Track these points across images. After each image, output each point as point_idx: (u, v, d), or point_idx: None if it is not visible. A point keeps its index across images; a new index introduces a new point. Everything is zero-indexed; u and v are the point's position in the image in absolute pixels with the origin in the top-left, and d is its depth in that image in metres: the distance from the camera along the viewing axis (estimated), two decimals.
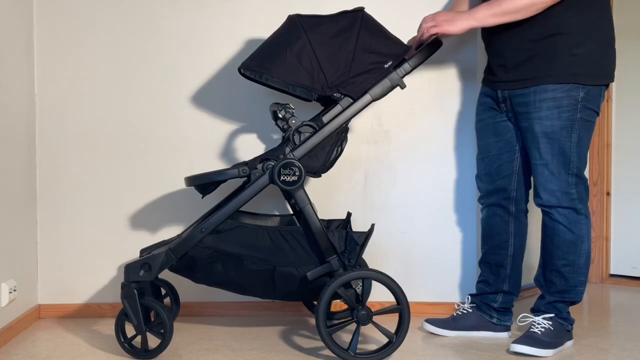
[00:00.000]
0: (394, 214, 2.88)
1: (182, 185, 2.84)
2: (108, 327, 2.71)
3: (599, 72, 2.34)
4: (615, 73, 2.42)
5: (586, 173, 2.44)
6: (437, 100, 2.88)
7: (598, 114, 2.41)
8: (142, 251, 2.42)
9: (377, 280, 2.27)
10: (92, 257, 2.85)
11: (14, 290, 2.56)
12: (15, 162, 2.63)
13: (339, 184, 2.84)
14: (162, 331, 2.29)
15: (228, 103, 2.87)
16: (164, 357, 2.33)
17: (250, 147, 2.86)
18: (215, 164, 2.81)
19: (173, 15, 2.85)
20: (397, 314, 2.27)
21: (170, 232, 2.84)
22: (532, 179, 2.49)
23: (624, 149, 3.68)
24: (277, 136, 2.86)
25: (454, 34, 2.34)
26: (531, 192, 2.52)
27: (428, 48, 2.38)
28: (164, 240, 2.51)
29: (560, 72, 2.30)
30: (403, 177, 2.90)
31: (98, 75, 2.84)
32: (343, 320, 2.37)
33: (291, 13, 2.78)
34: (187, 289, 2.67)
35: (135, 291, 2.24)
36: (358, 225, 2.74)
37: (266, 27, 2.83)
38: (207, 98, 2.87)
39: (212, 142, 2.86)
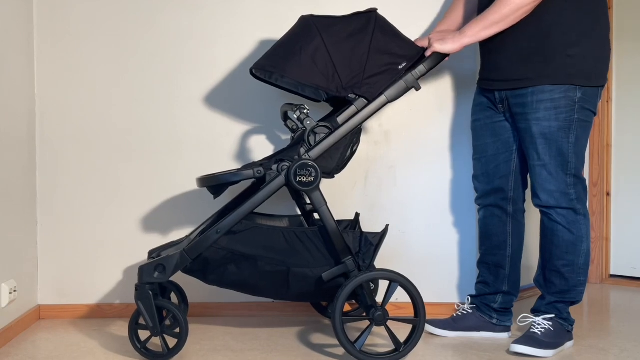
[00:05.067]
0: (393, 214, 2.88)
1: (182, 185, 2.85)
2: (108, 327, 2.71)
3: (594, 73, 2.34)
4: (616, 74, 2.42)
5: (586, 173, 2.44)
6: (437, 100, 2.88)
7: (595, 114, 2.41)
8: (151, 252, 2.42)
9: (396, 282, 2.27)
10: (93, 257, 2.85)
11: (14, 290, 2.56)
12: (15, 162, 2.63)
13: (339, 184, 2.84)
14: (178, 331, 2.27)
15: (228, 102, 2.87)
16: None
17: (252, 146, 2.87)
18: (215, 164, 2.81)
19: (173, 15, 2.85)
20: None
21: (171, 231, 2.84)
22: (529, 178, 2.49)
23: (624, 149, 3.68)
24: (279, 134, 2.86)
25: (447, 52, 2.37)
26: (528, 192, 2.53)
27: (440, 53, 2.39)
28: (173, 242, 2.50)
29: (556, 73, 2.30)
30: (403, 178, 2.90)
31: (98, 75, 2.84)
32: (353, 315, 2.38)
33: (289, 12, 2.79)
34: (188, 289, 2.66)
35: (150, 292, 2.23)
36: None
37: (266, 26, 2.84)
38: (207, 98, 2.87)
39: (213, 141, 2.86)
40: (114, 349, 2.43)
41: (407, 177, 2.90)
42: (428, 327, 2.61)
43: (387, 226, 2.46)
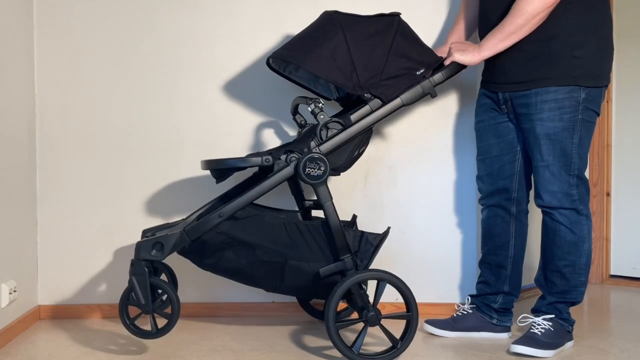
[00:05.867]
0: (393, 215, 2.88)
1: (182, 185, 2.85)
2: (108, 327, 2.71)
3: (598, 74, 2.34)
4: (615, 73, 2.42)
5: (586, 174, 2.44)
6: (437, 101, 2.87)
7: (598, 115, 2.41)
8: (145, 232, 2.40)
9: (390, 283, 2.27)
10: (92, 257, 2.85)
11: (14, 291, 2.56)
12: (15, 162, 2.63)
13: (339, 184, 2.83)
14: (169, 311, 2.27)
15: (229, 103, 2.87)
16: (164, 357, 2.33)
17: (252, 146, 2.86)
18: None
19: (173, 15, 2.85)
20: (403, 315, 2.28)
21: None
22: (532, 179, 2.49)
23: (624, 149, 3.68)
24: (280, 134, 2.86)
25: (466, 64, 2.38)
26: (531, 192, 2.52)
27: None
28: (167, 223, 2.49)
29: (561, 74, 2.30)
30: (403, 178, 2.90)
31: (98, 75, 2.84)
32: (346, 319, 2.37)
33: (289, 12, 2.80)
34: (188, 289, 2.66)
35: (146, 269, 2.22)
36: (359, 226, 2.74)
37: (266, 26, 2.84)
38: (207, 98, 2.87)
39: (213, 141, 2.86)
40: (114, 349, 2.43)
41: (407, 178, 2.90)
42: (428, 328, 2.61)
43: (388, 228, 2.46)
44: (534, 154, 2.39)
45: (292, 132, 2.84)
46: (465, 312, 2.64)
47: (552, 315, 2.43)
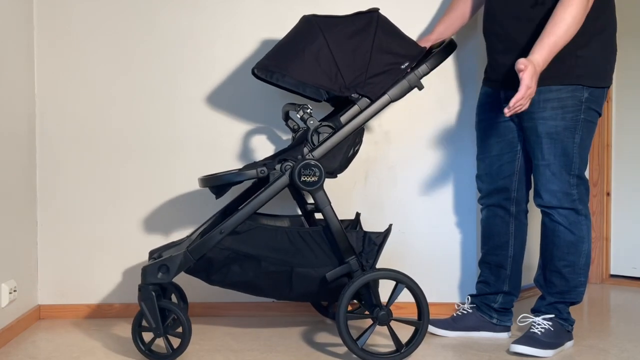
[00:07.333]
0: (393, 214, 2.88)
1: (182, 185, 2.85)
2: (108, 327, 2.71)
3: (601, 74, 2.35)
4: (616, 73, 2.42)
5: (586, 173, 2.44)
6: (437, 100, 2.88)
7: (600, 115, 2.41)
8: (152, 253, 2.41)
9: (402, 283, 2.27)
10: (92, 257, 2.85)
11: (14, 290, 2.56)
12: (15, 162, 2.63)
13: (339, 184, 2.83)
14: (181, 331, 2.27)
15: (229, 102, 2.87)
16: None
17: (252, 146, 2.87)
18: (215, 164, 2.81)
19: (173, 15, 2.85)
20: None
21: (172, 231, 2.84)
22: (532, 178, 2.49)
23: (624, 149, 3.68)
24: (280, 134, 2.86)
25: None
26: (531, 192, 2.52)
27: (444, 50, 2.39)
28: (173, 242, 2.49)
29: (565, 73, 2.30)
30: (403, 178, 2.90)
31: (98, 75, 2.84)
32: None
33: (289, 12, 2.80)
34: (188, 289, 2.66)
35: (154, 293, 2.22)
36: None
37: (266, 26, 2.84)
38: (207, 98, 2.87)
39: (213, 141, 2.86)
40: (114, 349, 2.43)
41: (407, 177, 2.90)
42: (428, 327, 2.61)
43: (390, 226, 2.46)
44: (534, 152, 2.39)
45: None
46: (465, 312, 2.64)
47: (552, 315, 2.43)
